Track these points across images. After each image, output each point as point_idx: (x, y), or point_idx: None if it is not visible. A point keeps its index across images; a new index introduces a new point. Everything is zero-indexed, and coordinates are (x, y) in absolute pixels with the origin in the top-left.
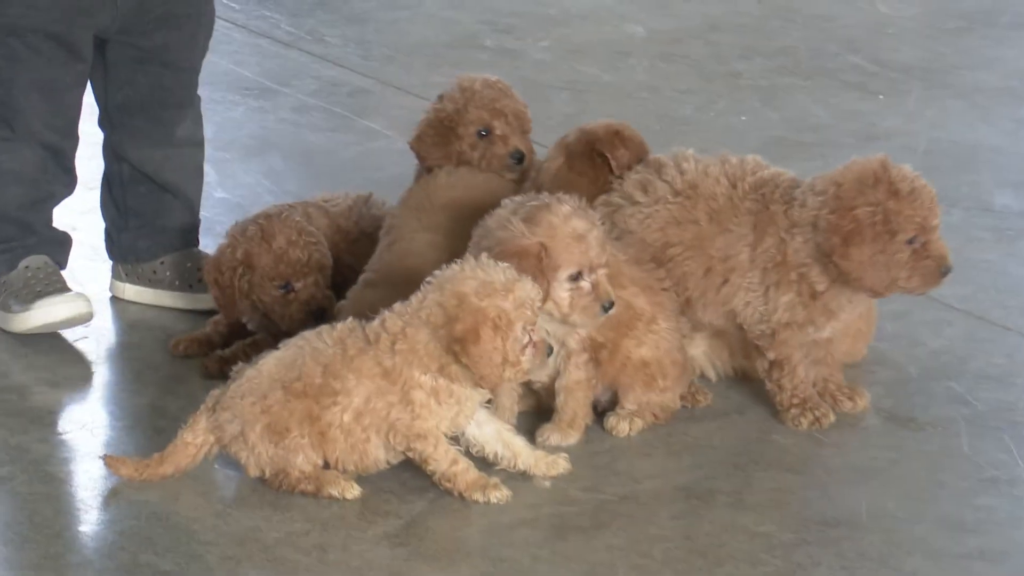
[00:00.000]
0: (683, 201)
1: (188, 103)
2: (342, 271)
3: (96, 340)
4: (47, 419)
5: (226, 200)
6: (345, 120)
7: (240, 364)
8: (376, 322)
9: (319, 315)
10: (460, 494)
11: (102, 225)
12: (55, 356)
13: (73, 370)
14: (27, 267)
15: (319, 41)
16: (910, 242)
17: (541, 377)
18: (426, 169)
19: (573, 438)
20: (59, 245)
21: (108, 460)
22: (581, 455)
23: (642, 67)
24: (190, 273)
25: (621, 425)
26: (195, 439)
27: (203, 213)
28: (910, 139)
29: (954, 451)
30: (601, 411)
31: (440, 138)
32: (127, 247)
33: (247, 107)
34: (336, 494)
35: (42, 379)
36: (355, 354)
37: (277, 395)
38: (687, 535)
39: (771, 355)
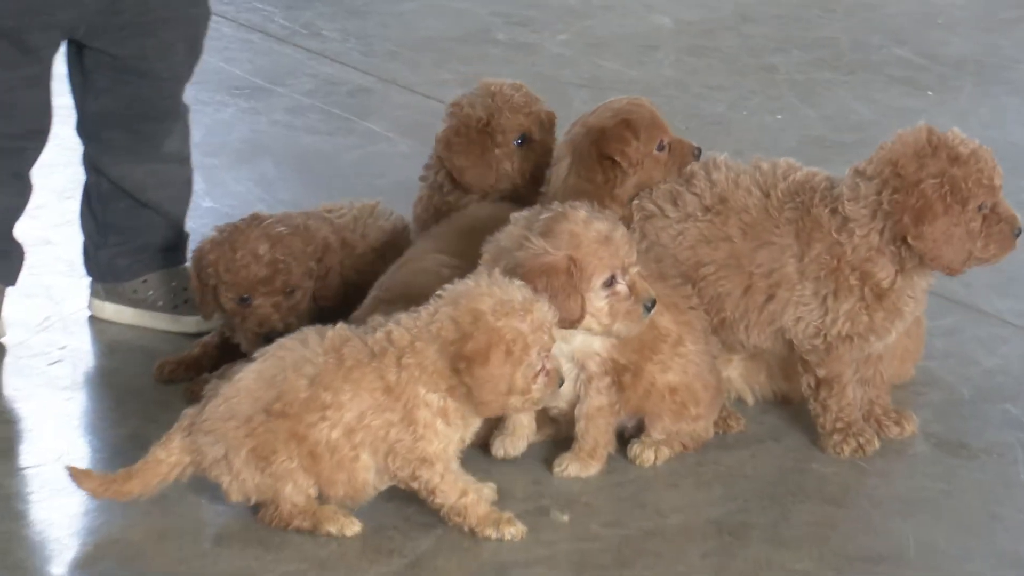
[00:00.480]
0: (712, 218)
1: (171, 116)
2: (346, 289)
3: (72, 364)
4: (18, 451)
5: (214, 210)
6: (344, 122)
7: (214, 380)
8: (380, 334)
9: (274, 337)
10: (471, 530)
11: (79, 238)
12: (27, 381)
13: (47, 397)
14: None
15: (316, 36)
16: (980, 208)
17: (559, 403)
18: (456, 181)
19: (594, 468)
20: None
21: (72, 471)
22: (603, 487)
23: (669, 61)
24: (175, 293)
25: (646, 454)
26: (168, 457)
27: (190, 224)
28: None
29: (1010, 480)
30: (628, 437)
31: (473, 145)
32: (105, 265)
33: (237, 108)
34: (334, 531)
35: (12, 407)
36: (353, 365)
37: (260, 417)
38: (718, 573)
39: (821, 372)
